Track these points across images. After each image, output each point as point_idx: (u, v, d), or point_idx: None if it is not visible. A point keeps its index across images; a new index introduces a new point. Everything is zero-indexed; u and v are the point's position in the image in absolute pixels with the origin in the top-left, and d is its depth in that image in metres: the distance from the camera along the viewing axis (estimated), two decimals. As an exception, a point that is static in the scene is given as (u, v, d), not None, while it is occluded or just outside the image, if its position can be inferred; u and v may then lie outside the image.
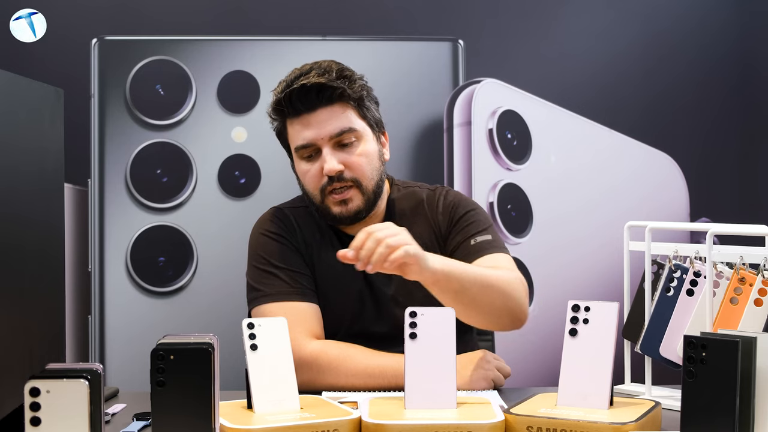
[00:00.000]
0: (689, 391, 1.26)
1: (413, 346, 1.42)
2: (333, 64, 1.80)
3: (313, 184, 1.79)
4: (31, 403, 1.15)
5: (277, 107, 1.80)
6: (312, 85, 1.75)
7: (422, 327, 1.42)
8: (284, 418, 1.35)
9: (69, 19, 2.88)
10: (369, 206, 1.80)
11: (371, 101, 1.84)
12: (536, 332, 2.83)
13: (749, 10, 3.05)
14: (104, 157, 2.86)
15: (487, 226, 1.84)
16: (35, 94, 1.52)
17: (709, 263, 1.57)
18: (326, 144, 1.76)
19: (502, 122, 2.94)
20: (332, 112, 1.77)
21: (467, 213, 1.85)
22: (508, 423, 1.36)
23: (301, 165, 1.81)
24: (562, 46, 3.00)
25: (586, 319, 1.45)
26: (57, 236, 1.60)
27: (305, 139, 1.77)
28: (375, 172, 1.81)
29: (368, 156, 1.79)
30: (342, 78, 1.77)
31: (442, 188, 1.92)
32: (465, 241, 1.81)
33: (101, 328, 2.85)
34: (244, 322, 1.43)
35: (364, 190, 1.79)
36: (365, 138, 1.80)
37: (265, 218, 1.89)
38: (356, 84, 1.79)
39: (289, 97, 1.76)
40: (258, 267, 1.82)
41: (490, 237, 1.81)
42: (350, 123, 1.78)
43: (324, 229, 1.86)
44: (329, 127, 1.76)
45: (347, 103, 1.78)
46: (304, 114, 1.77)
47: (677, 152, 3.03)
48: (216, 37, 2.91)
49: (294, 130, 1.79)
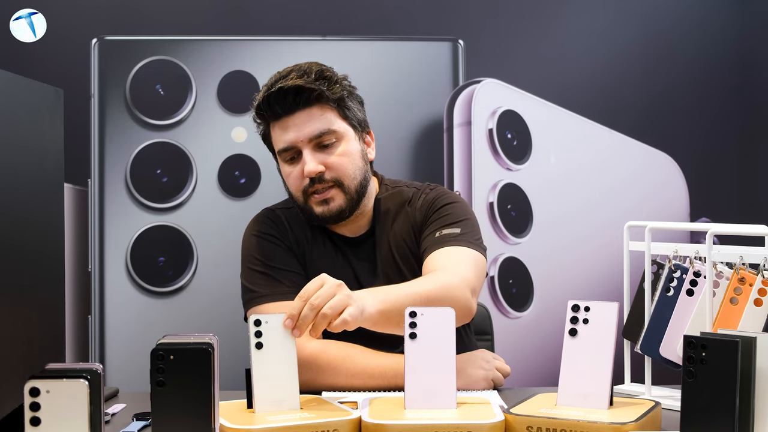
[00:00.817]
0: (689, 391, 1.26)
1: (413, 346, 1.42)
2: (313, 66, 1.80)
3: (296, 185, 1.80)
4: (31, 403, 1.15)
5: (258, 111, 1.81)
6: (289, 87, 1.75)
7: (422, 327, 1.42)
8: (284, 418, 1.35)
9: (69, 19, 2.88)
10: (352, 206, 1.81)
11: (354, 101, 1.83)
12: (536, 332, 2.83)
13: (749, 10, 3.05)
14: (104, 157, 2.86)
15: (460, 219, 1.81)
16: (35, 94, 1.52)
17: (709, 263, 1.57)
18: (306, 146, 1.77)
19: (502, 122, 2.94)
20: (311, 114, 1.77)
21: (443, 206, 1.84)
22: (508, 423, 1.36)
23: (284, 168, 1.82)
24: (562, 46, 3.00)
25: (586, 319, 1.45)
26: (57, 236, 1.60)
27: (285, 141, 1.78)
28: (358, 172, 1.81)
29: (350, 156, 1.80)
30: (321, 79, 1.77)
31: (429, 186, 1.91)
32: (431, 233, 1.79)
33: (101, 328, 2.85)
34: (250, 318, 1.42)
35: (346, 190, 1.79)
36: (346, 138, 1.80)
37: (256, 220, 1.90)
38: (336, 85, 1.79)
39: (268, 100, 1.77)
40: (252, 268, 1.83)
41: (458, 230, 1.79)
42: (329, 124, 1.78)
43: (315, 228, 1.86)
44: (308, 129, 1.76)
45: (326, 104, 1.78)
46: (283, 117, 1.78)
47: (677, 152, 3.03)
48: (216, 37, 2.91)
49: (275, 133, 1.80)
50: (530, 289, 2.92)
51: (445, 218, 1.82)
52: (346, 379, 1.68)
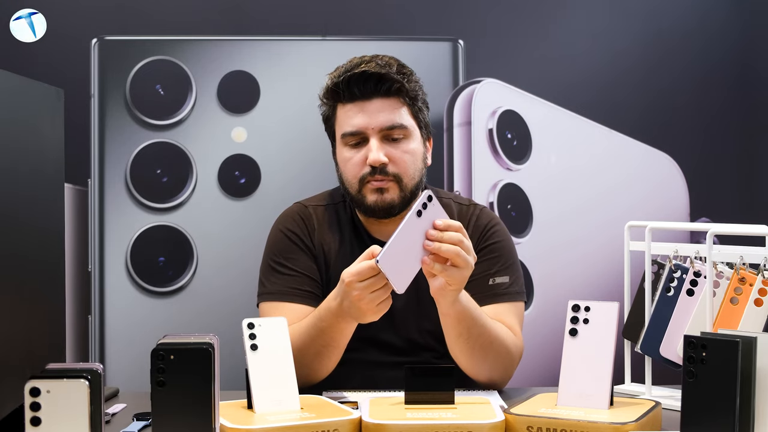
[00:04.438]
0: (689, 391, 1.26)
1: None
2: (393, 60, 1.80)
3: (354, 171, 1.78)
4: (32, 403, 1.15)
5: (334, 89, 1.79)
6: (373, 73, 1.75)
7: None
8: (284, 418, 1.35)
9: (69, 19, 2.87)
10: (404, 204, 1.79)
11: (424, 104, 1.83)
12: (536, 332, 2.83)
13: (749, 10, 3.05)
14: (104, 157, 2.86)
15: (510, 263, 1.84)
16: (35, 94, 1.53)
17: (709, 263, 1.57)
18: (375, 134, 1.76)
19: (502, 122, 2.94)
20: (387, 104, 1.76)
21: (495, 244, 1.84)
22: (508, 423, 1.36)
23: (343, 152, 1.80)
24: (562, 46, 3.00)
25: (586, 319, 1.45)
26: (57, 236, 1.60)
27: (355, 126, 1.76)
28: (417, 173, 1.80)
29: (413, 155, 1.79)
30: (401, 74, 1.78)
31: (475, 206, 1.90)
32: (483, 276, 1.80)
33: (101, 328, 2.85)
34: (244, 322, 1.43)
35: (404, 187, 1.77)
36: (414, 137, 1.79)
37: (286, 214, 1.89)
38: (413, 83, 1.79)
39: (348, 81, 1.76)
40: (268, 262, 1.84)
41: (508, 279, 1.81)
42: (402, 119, 1.77)
43: (346, 229, 1.85)
44: (381, 118, 1.75)
45: (403, 99, 1.78)
46: (359, 100, 1.76)
47: (677, 152, 3.03)
48: (216, 37, 2.91)
49: (345, 115, 1.78)
50: (530, 288, 2.92)
51: (495, 260, 1.82)
52: (301, 347, 1.65)
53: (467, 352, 1.68)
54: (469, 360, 1.69)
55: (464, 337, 1.66)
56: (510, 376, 1.76)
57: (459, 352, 1.69)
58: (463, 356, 1.69)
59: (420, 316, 1.79)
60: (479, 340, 1.67)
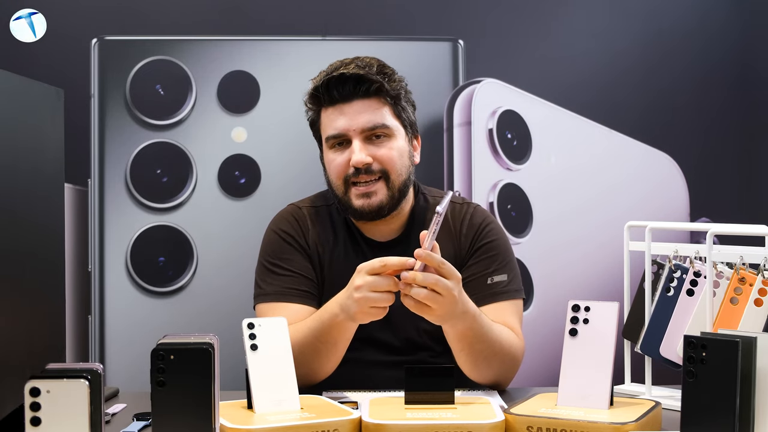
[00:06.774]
0: (689, 391, 1.26)
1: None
2: (374, 61, 1.81)
3: (338, 173, 1.78)
4: (32, 403, 1.15)
5: (314, 94, 1.80)
6: (351, 75, 1.75)
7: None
8: (284, 418, 1.35)
9: (69, 19, 2.87)
10: (393, 203, 1.79)
11: (408, 103, 1.83)
12: (536, 332, 2.83)
13: (749, 10, 3.05)
14: (104, 157, 2.86)
15: (507, 260, 1.84)
16: (35, 94, 1.53)
17: (709, 263, 1.57)
18: (357, 136, 1.76)
19: (502, 122, 2.94)
20: (368, 105, 1.77)
21: (491, 242, 1.84)
22: (508, 423, 1.36)
23: (328, 154, 1.80)
24: (562, 46, 3.00)
25: (586, 319, 1.45)
26: (57, 236, 1.60)
27: (337, 128, 1.77)
28: (404, 169, 1.80)
29: (399, 151, 1.79)
30: (382, 74, 1.78)
31: (469, 205, 1.90)
32: (481, 276, 1.80)
33: (101, 328, 2.85)
34: (244, 322, 1.43)
35: (391, 185, 1.78)
36: (398, 136, 1.80)
37: (280, 215, 1.89)
38: (395, 82, 1.79)
39: (327, 84, 1.76)
40: (263, 264, 1.83)
41: (506, 277, 1.81)
42: (384, 119, 1.77)
43: (340, 230, 1.85)
44: (362, 119, 1.76)
45: (384, 99, 1.78)
46: (339, 103, 1.77)
47: (677, 152, 3.03)
48: (216, 37, 2.91)
49: (328, 119, 1.79)
50: (530, 289, 2.92)
51: (492, 259, 1.82)
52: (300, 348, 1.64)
53: (471, 363, 1.70)
54: (473, 369, 1.71)
55: (466, 352, 1.68)
56: (513, 377, 1.77)
57: (463, 362, 1.71)
58: (466, 366, 1.71)
59: (418, 316, 1.78)
60: (483, 353, 1.68)
